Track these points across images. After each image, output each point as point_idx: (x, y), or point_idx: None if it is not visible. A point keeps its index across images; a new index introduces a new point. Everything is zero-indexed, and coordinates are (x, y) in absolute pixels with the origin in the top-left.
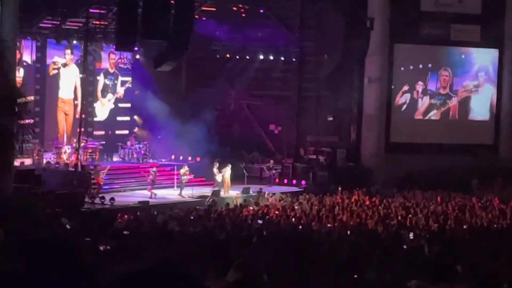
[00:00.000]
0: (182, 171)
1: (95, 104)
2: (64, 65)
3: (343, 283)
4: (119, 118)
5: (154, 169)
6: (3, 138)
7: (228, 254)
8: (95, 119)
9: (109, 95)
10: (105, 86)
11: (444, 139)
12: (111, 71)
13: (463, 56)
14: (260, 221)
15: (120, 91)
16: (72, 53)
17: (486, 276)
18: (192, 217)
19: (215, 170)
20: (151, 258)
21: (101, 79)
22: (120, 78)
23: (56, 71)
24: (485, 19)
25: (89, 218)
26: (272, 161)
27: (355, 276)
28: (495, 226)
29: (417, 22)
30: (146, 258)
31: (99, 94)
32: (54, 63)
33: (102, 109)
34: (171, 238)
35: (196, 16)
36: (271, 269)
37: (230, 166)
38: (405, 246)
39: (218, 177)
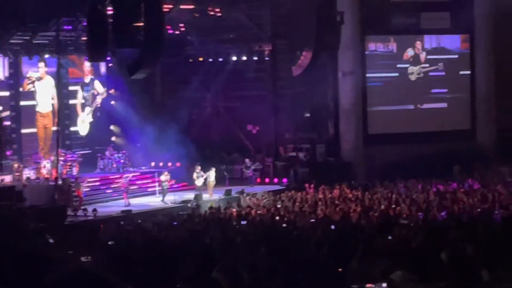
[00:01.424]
0: (162, 177)
1: (77, 120)
2: (39, 78)
3: (328, 276)
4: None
5: (128, 175)
6: None
7: (213, 257)
8: (79, 135)
9: (87, 109)
10: (82, 98)
11: (421, 127)
12: (87, 80)
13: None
14: (243, 222)
15: (97, 100)
16: (46, 65)
17: (467, 262)
18: (175, 223)
19: (194, 174)
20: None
21: (79, 93)
22: (96, 87)
23: (31, 86)
24: (454, 5)
25: (73, 231)
26: (247, 159)
27: (339, 269)
28: (478, 210)
29: (387, 13)
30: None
31: (79, 109)
32: (28, 78)
33: (83, 125)
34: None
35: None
36: (254, 268)
37: (214, 169)
38: (390, 237)
39: (198, 181)
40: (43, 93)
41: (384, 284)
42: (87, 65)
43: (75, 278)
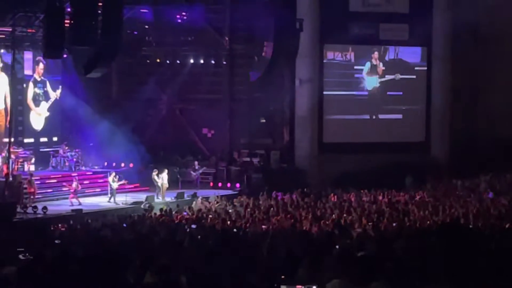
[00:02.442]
0: (110, 178)
1: (30, 115)
2: None
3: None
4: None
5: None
6: None
7: (157, 259)
8: (33, 128)
9: (43, 103)
10: (35, 94)
11: (376, 137)
12: (39, 79)
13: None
14: (194, 226)
15: (53, 96)
16: (1, 60)
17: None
18: (125, 224)
19: (154, 176)
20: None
21: (30, 88)
22: (49, 85)
23: None
24: (413, 17)
25: (22, 228)
26: (196, 162)
27: (283, 276)
28: (428, 223)
29: (346, 23)
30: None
31: (30, 103)
32: None
33: (39, 118)
34: (103, 244)
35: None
36: (196, 271)
37: (166, 171)
38: (337, 246)
39: (159, 183)
40: None
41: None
42: (41, 66)
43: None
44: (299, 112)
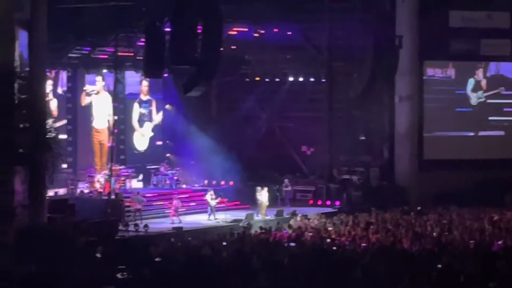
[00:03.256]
0: (207, 196)
1: (134, 135)
2: (96, 92)
3: None
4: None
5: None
6: (35, 170)
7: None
8: (136, 151)
9: (147, 124)
10: (140, 115)
11: (478, 154)
12: (145, 98)
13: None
14: (292, 244)
15: (157, 118)
16: (103, 80)
17: None
18: (224, 242)
19: (257, 194)
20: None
21: (135, 109)
22: (155, 104)
23: (88, 100)
24: None
25: (123, 246)
26: (287, 180)
27: None
28: None
29: (446, 39)
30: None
31: (135, 124)
32: (85, 91)
33: (142, 139)
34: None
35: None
36: None
37: (266, 189)
38: (439, 266)
39: (259, 201)
40: (100, 108)
41: None
42: (145, 83)
43: None
44: (399, 129)
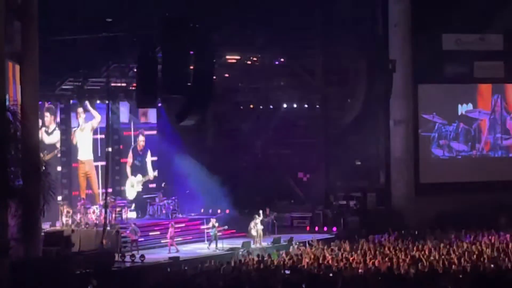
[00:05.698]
0: (210, 224)
1: (126, 182)
2: (81, 129)
3: None
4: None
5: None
6: (29, 203)
7: None
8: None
9: (139, 176)
10: (133, 165)
11: (474, 177)
12: (140, 152)
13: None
14: (287, 271)
15: (151, 174)
16: (84, 112)
17: None
18: (221, 271)
19: (252, 224)
20: None
21: (130, 158)
22: (149, 157)
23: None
24: (509, 54)
25: (119, 277)
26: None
27: None
28: None
29: (440, 62)
30: None
31: (128, 170)
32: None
33: (131, 189)
34: None
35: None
36: None
37: (262, 217)
38: None
39: (253, 231)
40: (82, 140)
41: None
42: (141, 138)
43: None
44: (394, 153)
